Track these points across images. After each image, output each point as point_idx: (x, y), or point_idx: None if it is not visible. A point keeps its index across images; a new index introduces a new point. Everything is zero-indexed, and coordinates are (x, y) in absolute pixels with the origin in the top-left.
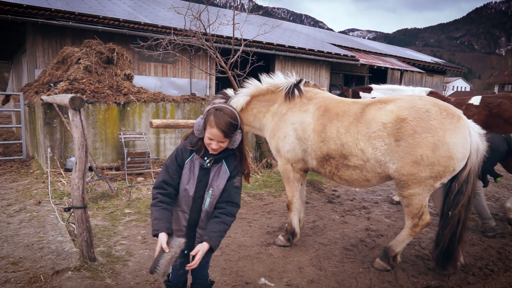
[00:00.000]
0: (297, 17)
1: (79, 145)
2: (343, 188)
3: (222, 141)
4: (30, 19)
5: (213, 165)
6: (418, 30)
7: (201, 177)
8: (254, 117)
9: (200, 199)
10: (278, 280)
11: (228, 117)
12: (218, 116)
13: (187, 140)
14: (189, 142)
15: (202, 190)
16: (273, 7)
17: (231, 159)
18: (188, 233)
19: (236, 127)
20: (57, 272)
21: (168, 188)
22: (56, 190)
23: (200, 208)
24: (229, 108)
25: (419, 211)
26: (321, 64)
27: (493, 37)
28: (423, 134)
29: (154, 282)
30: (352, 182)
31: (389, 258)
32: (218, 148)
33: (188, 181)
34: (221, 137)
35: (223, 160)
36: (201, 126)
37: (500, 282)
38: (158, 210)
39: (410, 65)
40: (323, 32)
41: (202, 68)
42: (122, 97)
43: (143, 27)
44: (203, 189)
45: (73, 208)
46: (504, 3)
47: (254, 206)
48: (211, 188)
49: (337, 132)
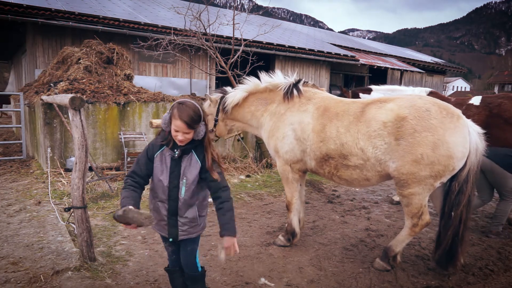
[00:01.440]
0: (297, 17)
1: (79, 145)
2: (343, 188)
3: (187, 132)
4: (30, 19)
5: (184, 156)
6: (418, 30)
7: (173, 167)
8: (252, 115)
9: (175, 188)
10: (278, 280)
11: (191, 110)
12: (181, 109)
13: (159, 136)
14: (160, 137)
15: (176, 180)
16: (273, 7)
17: (200, 149)
18: (170, 222)
19: (199, 119)
20: (57, 272)
21: (136, 177)
22: (56, 190)
23: (177, 197)
24: (191, 102)
25: (418, 210)
26: (321, 64)
27: (493, 37)
28: (423, 133)
29: (154, 282)
30: (352, 181)
31: (389, 258)
32: (184, 139)
33: (161, 172)
34: (185, 128)
35: (192, 150)
36: (167, 120)
37: (500, 282)
38: (127, 191)
39: (410, 65)
40: (323, 32)
41: (202, 68)
42: (122, 97)
43: (143, 27)
44: (177, 179)
45: (73, 208)
46: (504, 3)
47: (254, 206)
48: (185, 178)
49: (337, 131)
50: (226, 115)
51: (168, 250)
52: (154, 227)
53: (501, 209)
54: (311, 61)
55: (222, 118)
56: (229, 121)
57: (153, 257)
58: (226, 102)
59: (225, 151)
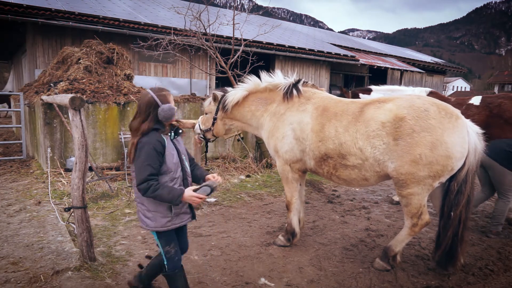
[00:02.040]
0: (297, 17)
1: (79, 145)
2: (343, 188)
3: None
4: (30, 19)
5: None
6: (418, 30)
7: (175, 149)
8: (252, 114)
9: (184, 166)
10: (278, 280)
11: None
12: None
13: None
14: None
15: (180, 157)
16: (273, 7)
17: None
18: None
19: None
20: (57, 272)
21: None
22: (56, 190)
23: (186, 172)
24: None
25: (418, 210)
26: (321, 64)
27: (493, 37)
28: (421, 133)
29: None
30: (351, 181)
31: (389, 258)
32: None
33: (172, 156)
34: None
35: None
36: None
37: (500, 282)
38: (164, 188)
39: (410, 65)
40: (323, 32)
41: (202, 68)
42: (122, 97)
43: (143, 27)
44: (180, 156)
45: (73, 208)
46: (504, 3)
47: (254, 206)
48: (183, 155)
49: (336, 131)
50: (225, 114)
51: (176, 248)
52: (174, 223)
53: (498, 208)
54: (311, 61)
55: (221, 117)
56: (228, 120)
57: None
58: (227, 101)
59: (225, 151)
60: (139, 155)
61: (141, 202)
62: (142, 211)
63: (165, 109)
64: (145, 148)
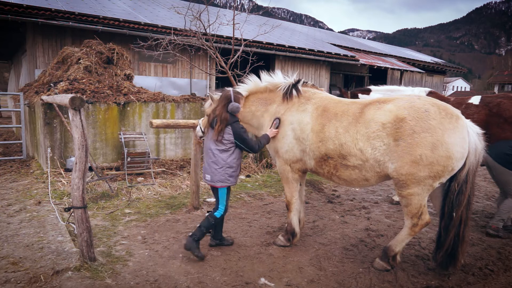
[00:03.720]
0: (297, 17)
1: (79, 145)
2: (343, 188)
3: None
4: (30, 19)
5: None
6: (418, 30)
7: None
8: (252, 115)
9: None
10: (278, 280)
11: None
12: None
13: (236, 122)
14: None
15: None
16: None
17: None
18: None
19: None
20: (57, 272)
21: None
22: (56, 190)
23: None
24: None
25: (418, 210)
26: (321, 64)
27: (493, 37)
28: (422, 133)
29: (154, 282)
30: (351, 182)
31: (389, 258)
32: None
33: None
34: None
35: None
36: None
37: (500, 282)
38: (262, 139)
39: (410, 65)
40: (323, 32)
41: (202, 68)
42: (122, 97)
43: (143, 27)
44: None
45: (73, 208)
46: (504, 3)
47: (254, 206)
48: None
49: (336, 132)
50: None
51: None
52: (237, 180)
53: (506, 204)
54: (311, 61)
55: None
56: None
57: (153, 257)
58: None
59: None
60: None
61: (231, 166)
62: (229, 173)
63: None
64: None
